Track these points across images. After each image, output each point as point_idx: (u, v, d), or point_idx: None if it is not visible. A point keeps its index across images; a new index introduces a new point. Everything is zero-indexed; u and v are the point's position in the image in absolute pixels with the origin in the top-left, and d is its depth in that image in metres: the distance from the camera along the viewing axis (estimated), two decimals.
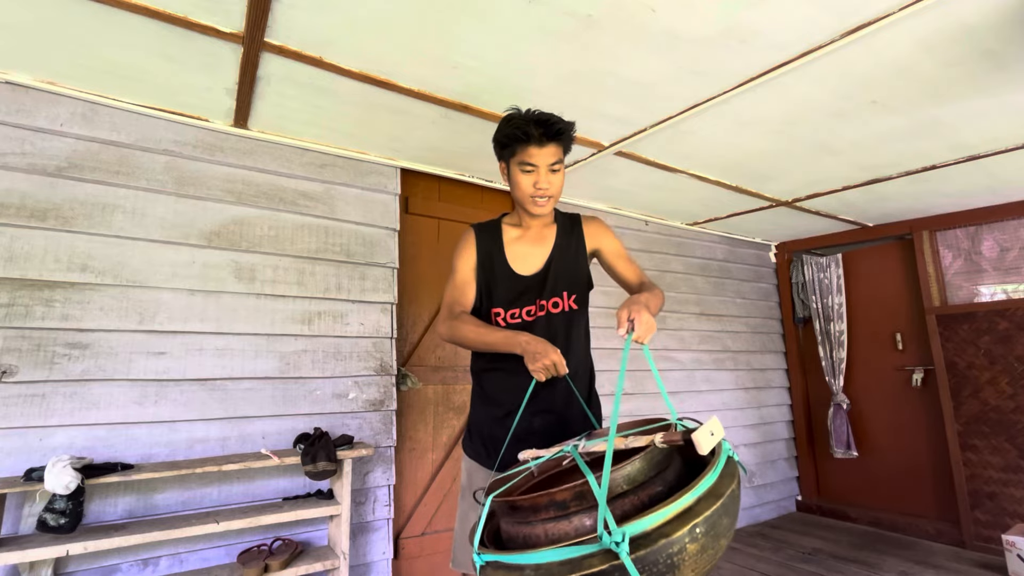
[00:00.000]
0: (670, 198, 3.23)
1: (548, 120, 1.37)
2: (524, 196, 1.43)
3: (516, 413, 1.35)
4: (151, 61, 1.74)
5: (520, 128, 1.36)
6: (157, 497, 1.92)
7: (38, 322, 1.81)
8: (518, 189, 1.43)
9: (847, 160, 2.63)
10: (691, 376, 3.68)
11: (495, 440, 1.42)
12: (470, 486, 1.47)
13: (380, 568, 2.33)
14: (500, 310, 1.45)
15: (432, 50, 1.68)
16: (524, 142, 1.37)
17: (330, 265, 2.39)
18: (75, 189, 1.93)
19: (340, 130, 2.26)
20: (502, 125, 1.41)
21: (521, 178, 1.41)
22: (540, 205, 1.44)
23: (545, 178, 1.40)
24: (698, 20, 1.54)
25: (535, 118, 1.37)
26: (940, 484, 3.52)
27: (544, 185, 1.40)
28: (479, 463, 1.47)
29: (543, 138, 1.37)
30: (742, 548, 3.31)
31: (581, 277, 1.52)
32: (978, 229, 3.46)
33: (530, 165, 1.39)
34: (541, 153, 1.38)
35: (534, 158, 1.38)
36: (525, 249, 1.51)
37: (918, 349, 3.69)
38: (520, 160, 1.40)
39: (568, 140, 1.43)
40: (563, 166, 1.45)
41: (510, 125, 1.38)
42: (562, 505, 0.82)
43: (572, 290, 1.48)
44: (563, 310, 1.46)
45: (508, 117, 1.41)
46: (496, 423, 1.43)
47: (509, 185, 1.47)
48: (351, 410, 2.34)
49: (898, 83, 1.91)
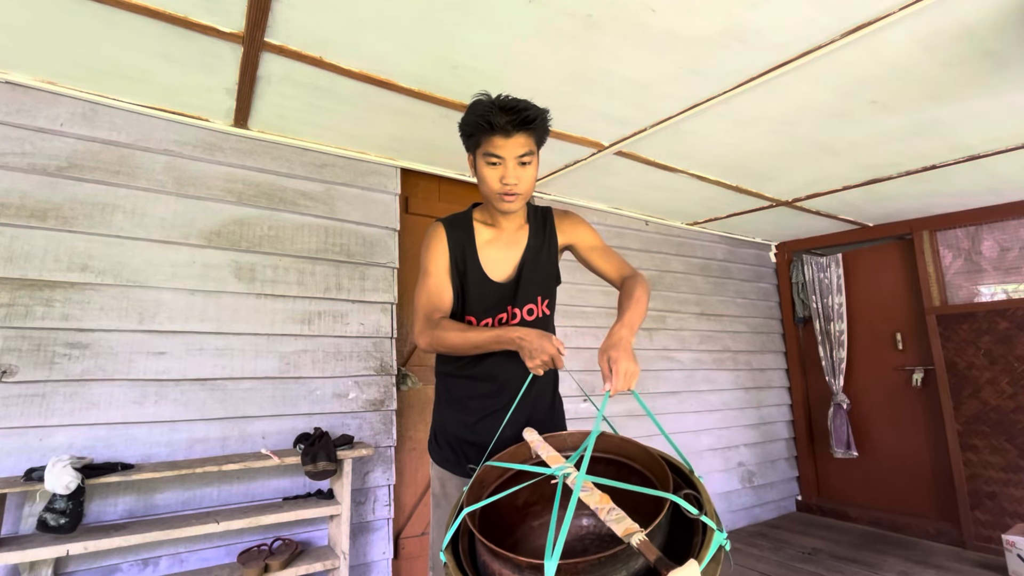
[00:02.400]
0: (670, 198, 3.23)
1: (515, 107, 1.22)
2: (491, 192, 1.29)
3: (486, 420, 1.31)
4: (151, 61, 1.74)
5: (484, 116, 1.21)
6: (157, 497, 1.92)
7: (38, 322, 1.81)
8: (484, 184, 1.29)
9: (847, 160, 2.63)
10: (691, 376, 3.68)
11: (464, 445, 1.36)
12: (444, 495, 1.39)
13: (380, 568, 2.33)
14: (473, 319, 1.35)
15: (432, 50, 1.68)
16: (489, 132, 1.23)
17: (330, 265, 2.39)
18: (75, 189, 1.93)
19: (340, 130, 2.26)
20: (467, 112, 1.27)
21: (487, 172, 1.27)
22: (508, 202, 1.30)
23: (513, 172, 1.25)
24: (698, 20, 1.54)
25: (501, 104, 1.22)
26: (940, 484, 3.52)
27: (512, 180, 1.26)
28: (450, 471, 1.38)
29: (510, 127, 1.22)
30: (742, 548, 3.31)
31: (552, 279, 1.43)
32: (978, 229, 3.46)
33: (496, 157, 1.25)
34: (508, 144, 1.23)
35: (500, 149, 1.24)
36: (498, 253, 1.39)
37: (918, 349, 3.69)
38: (485, 151, 1.25)
39: (541, 130, 1.28)
40: (535, 158, 1.30)
41: (474, 112, 1.24)
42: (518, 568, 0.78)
43: (545, 294, 1.40)
44: (537, 317, 1.38)
45: (473, 103, 1.26)
46: (466, 429, 1.36)
47: (476, 179, 1.34)
48: (351, 410, 2.34)
49: (898, 83, 1.91)
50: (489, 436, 1.27)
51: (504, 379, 1.36)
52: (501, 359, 1.34)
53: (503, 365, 1.35)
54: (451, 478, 1.38)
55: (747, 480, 3.85)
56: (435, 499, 1.43)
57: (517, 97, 1.25)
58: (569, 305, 3.14)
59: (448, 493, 1.38)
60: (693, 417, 3.63)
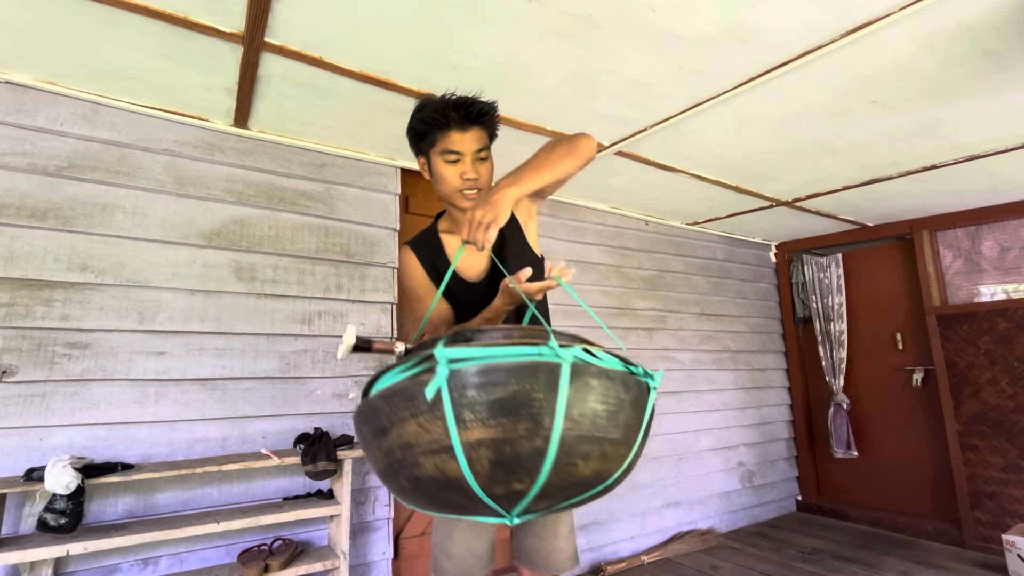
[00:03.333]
0: (670, 198, 3.23)
1: (468, 102, 1.23)
2: (451, 191, 1.29)
3: None
4: (151, 61, 1.74)
5: (438, 112, 1.23)
6: (157, 497, 1.92)
7: (38, 322, 1.81)
8: (444, 183, 1.29)
9: (847, 160, 2.63)
10: (691, 376, 3.68)
11: None
12: None
13: (380, 568, 2.33)
14: (478, 322, 1.35)
15: (432, 50, 1.68)
16: (444, 127, 1.24)
17: (330, 265, 2.39)
18: (75, 189, 1.93)
19: (340, 130, 2.26)
20: (415, 113, 1.28)
21: (445, 170, 1.27)
22: (471, 198, 1.29)
23: (473, 167, 1.27)
24: (698, 20, 1.54)
25: (453, 101, 1.24)
26: (940, 484, 3.52)
27: (472, 175, 1.27)
28: None
29: (465, 121, 1.24)
30: (742, 548, 3.31)
31: (527, 257, 1.39)
32: (978, 229, 3.46)
33: (454, 153, 1.25)
34: (465, 139, 1.25)
35: (458, 144, 1.25)
36: (470, 257, 1.39)
37: (918, 349, 3.69)
38: (443, 149, 1.26)
39: (493, 124, 1.30)
40: (490, 153, 1.31)
41: (426, 111, 1.25)
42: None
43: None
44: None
45: (420, 104, 1.28)
46: None
47: (432, 180, 1.34)
48: (351, 410, 2.34)
49: (898, 83, 1.91)
50: None
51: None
52: None
53: None
54: None
55: (747, 480, 3.85)
56: None
57: (463, 95, 1.26)
58: (569, 305, 3.14)
59: None
60: (693, 417, 3.63)
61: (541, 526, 1.40)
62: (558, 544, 1.40)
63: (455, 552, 1.36)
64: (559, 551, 1.40)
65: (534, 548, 1.41)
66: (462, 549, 1.36)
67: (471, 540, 1.37)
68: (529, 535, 1.41)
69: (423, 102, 1.28)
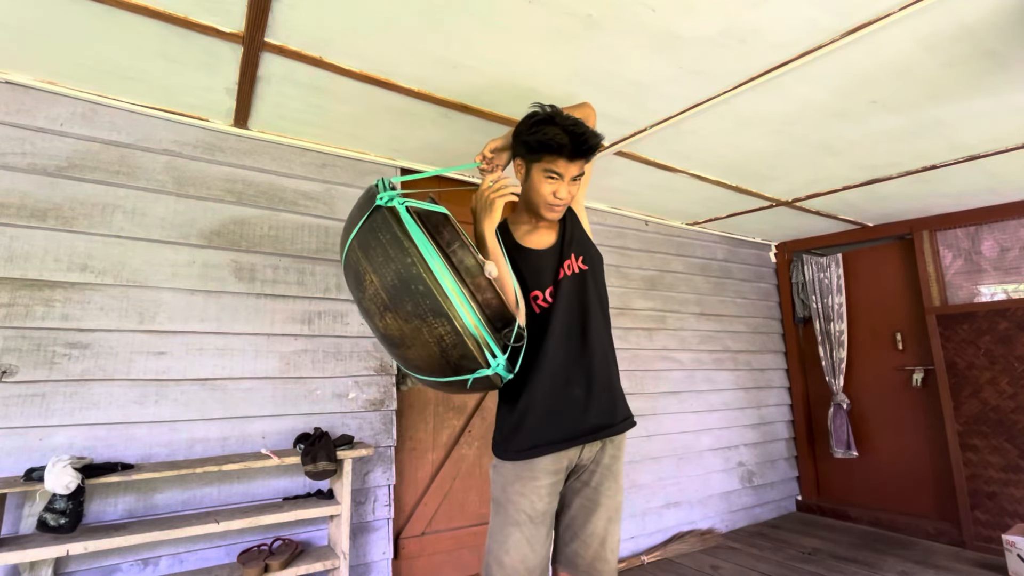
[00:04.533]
0: (670, 198, 3.23)
1: (583, 136, 1.35)
2: (541, 201, 1.44)
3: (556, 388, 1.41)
4: (151, 61, 1.74)
5: (556, 138, 1.34)
6: (157, 497, 1.92)
7: (38, 322, 1.81)
8: (536, 193, 1.44)
9: (847, 160, 2.63)
10: (691, 376, 3.68)
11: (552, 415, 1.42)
12: (506, 499, 1.40)
13: (380, 568, 2.33)
14: (538, 292, 1.47)
15: (432, 50, 1.68)
16: (555, 153, 1.36)
17: (330, 265, 2.39)
18: (75, 189, 1.93)
19: (340, 130, 2.26)
20: (533, 128, 1.37)
21: (543, 185, 1.41)
22: (554, 211, 1.47)
23: (566, 188, 1.41)
24: (698, 20, 1.54)
25: (571, 131, 1.34)
26: (940, 484, 3.52)
27: (564, 195, 1.42)
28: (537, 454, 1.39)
29: (575, 154, 1.36)
30: (742, 548, 3.32)
31: (589, 245, 1.57)
32: (978, 229, 3.46)
33: (556, 174, 1.40)
34: (569, 167, 1.39)
35: (561, 169, 1.39)
36: (537, 235, 1.54)
37: (918, 349, 3.69)
38: (546, 167, 1.39)
39: (594, 154, 1.44)
40: (586, 175, 1.47)
41: (544, 133, 1.35)
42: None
43: (579, 253, 1.53)
44: (576, 271, 1.50)
45: (541, 121, 1.37)
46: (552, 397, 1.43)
47: (522, 182, 1.47)
48: (351, 410, 2.34)
49: (898, 83, 1.91)
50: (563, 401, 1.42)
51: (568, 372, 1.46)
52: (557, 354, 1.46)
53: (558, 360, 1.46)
54: (516, 480, 1.40)
55: (747, 480, 3.85)
56: (495, 504, 1.45)
57: (581, 122, 1.37)
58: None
59: (511, 499, 1.40)
60: (693, 417, 3.63)
61: (590, 534, 1.42)
62: (605, 554, 1.42)
63: (508, 561, 1.36)
64: (605, 561, 1.42)
65: (579, 553, 1.42)
66: (516, 559, 1.36)
67: (526, 551, 1.36)
68: (575, 539, 1.43)
69: (541, 120, 1.37)
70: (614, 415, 1.48)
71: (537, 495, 1.39)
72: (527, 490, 1.38)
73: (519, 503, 1.38)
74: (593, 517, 1.44)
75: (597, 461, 1.47)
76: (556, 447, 1.40)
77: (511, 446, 1.42)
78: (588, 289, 1.51)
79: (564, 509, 1.48)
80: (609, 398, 1.48)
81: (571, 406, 1.42)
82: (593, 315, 1.49)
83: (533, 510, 1.38)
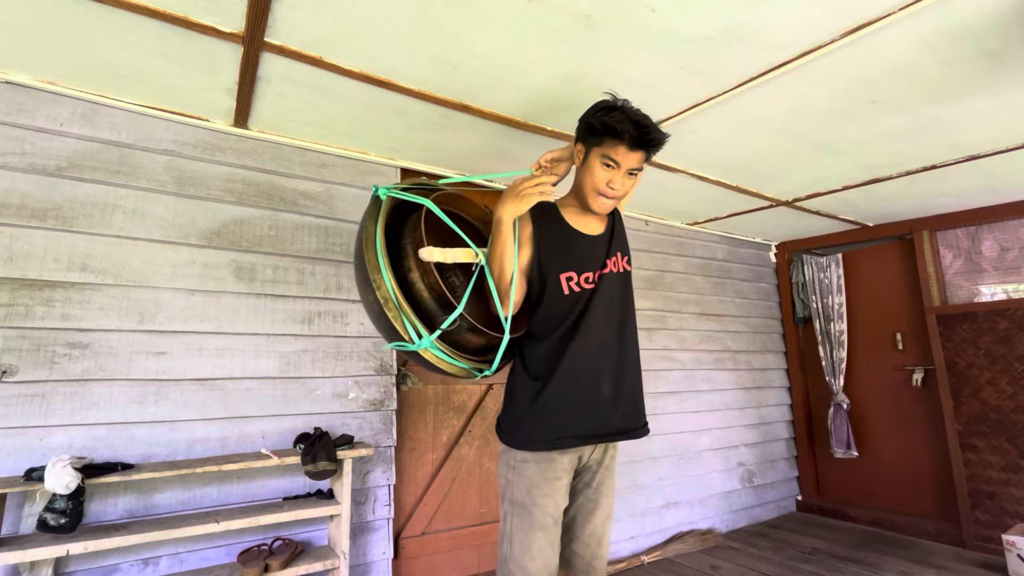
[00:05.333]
0: (670, 198, 3.23)
1: (648, 128, 1.34)
2: (592, 188, 1.41)
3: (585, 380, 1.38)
4: (151, 61, 1.74)
5: (620, 124, 1.32)
6: (157, 497, 1.92)
7: (38, 322, 1.81)
8: (591, 178, 1.41)
9: (847, 160, 2.63)
10: (691, 376, 3.68)
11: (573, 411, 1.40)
12: (533, 503, 1.35)
13: (380, 568, 2.33)
14: (573, 273, 1.43)
15: (432, 50, 1.68)
16: (618, 139, 1.34)
17: (330, 265, 2.39)
18: (75, 189, 1.93)
19: (340, 130, 2.26)
20: (600, 112, 1.37)
21: (599, 170, 1.39)
22: (603, 205, 1.44)
23: (621, 180, 1.39)
24: (698, 20, 1.54)
25: (637, 120, 1.33)
26: (940, 484, 3.52)
27: (617, 186, 1.39)
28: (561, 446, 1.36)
29: (636, 143, 1.34)
30: (742, 548, 3.32)
31: (629, 253, 1.58)
32: (978, 229, 3.46)
33: (613, 162, 1.37)
34: (629, 156, 1.36)
35: (620, 157, 1.36)
36: (584, 219, 1.51)
37: (918, 349, 3.69)
38: (605, 153, 1.37)
39: (657, 151, 1.42)
40: (641, 174, 1.44)
41: (610, 117, 1.34)
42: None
43: (624, 252, 1.53)
44: (620, 271, 1.49)
45: (609, 107, 1.36)
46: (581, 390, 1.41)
47: (580, 168, 1.45)
48: (351, 410, 2.34)
49: (898, 83, 1.91)
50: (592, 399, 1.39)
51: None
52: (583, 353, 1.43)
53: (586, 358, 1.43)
54: (543, 482, 1.35)
55: (747, 480, 3.85)
56: (517, 507, 1.37)
57: (647, 115, 1.36)
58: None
59: (537, 502, 1.34)
60: (693, 417, 3.63)
61: (590, 533, 1.46)
62: (601, 551, 1.48)
63: (533, 568, 1.33)
64: (600, 558, 1.48)
65: (577, 553, 1.46)
66: (540, 565, 1.33)
67: (550, 555, 1.35)
68: (575, 540, 1.47)
69: (608, 103, 1.37)
70: (637, 419, 1.48)
71: (561, 495, 1.39)
72: (553, 491, 1.37)
73: (546, 506, 1.35)
74: (593, 517, 1.46)
75: (599, 461, 1.48)
76: (579, 442, 1.38)
77: (534, 435, 1.37)
78: (628, 291, 1.52)
79: (564, 510, 1.47)
80: (635, 401, 1.47)
81: (600, 403, 1.40)
82: (630, 316, 1.51)
83: (558, 511, 1.39)
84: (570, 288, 1.43)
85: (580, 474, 1.47)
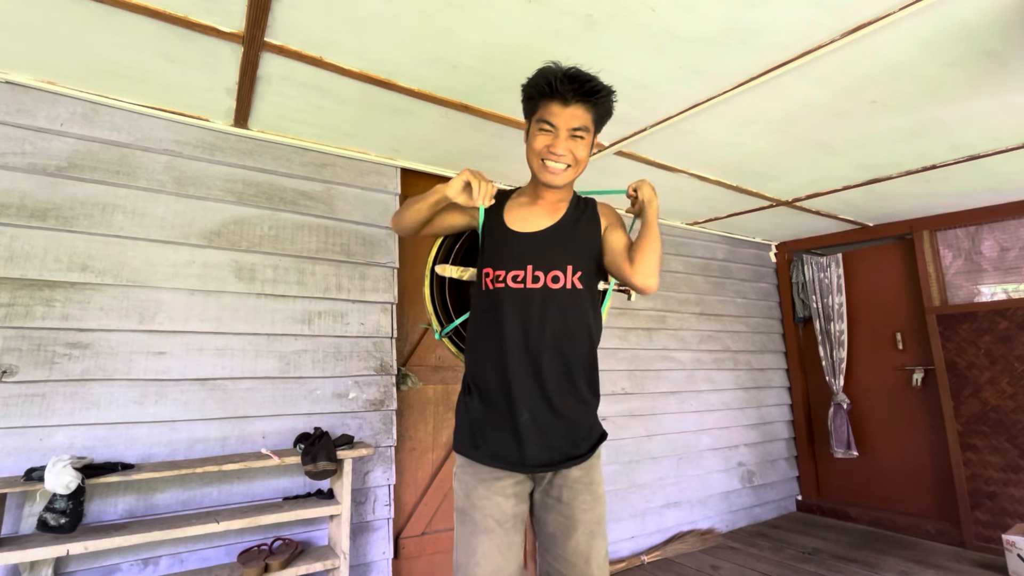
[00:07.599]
0: (670, 198, 3.23)
1: (580, 76, 1.19)
2: (535, 159, 1.27)
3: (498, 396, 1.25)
4: (151, 61, 1.74)
5: (546, 79, 1.19)
6: (157, 497, 1.92)
7: (38, 322, 1.81)
8: (530, 150, 1.28)
9: (847, 160, 2.63)
10: (691, 376, 3.68)
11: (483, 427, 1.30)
12: (471, 506, 1.27)
13: (380, 568, 2.33)
14: (489, 269, 1.31)
15: (432, 50, 1.68)
16: (547, 96, 1.21)
17: (330, 265, 2.39)
18: (75, 189, 1.93)
19: (340, 130, 2.26)
20: (532, 76, 1.26)
21: (536, 138, 1.25)
22: (552, 172, 1.25)
23: (562, 143, 1.23)
24: (698, 20, 1.54)
25: (566, 72, 1.19)
26: (940, 484, 3.52)
27: (560, 150, 1.23)
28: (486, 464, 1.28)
29: (569, 95, 1.19)
30: (742, 548, 3.32)
31: (590, 257, 1.35)
32: (978, 229, 3.46)
33: (548, 124, 1.22)
34: (564, 113, 1.21)
35: (555, 117, 1.21)
36: (527, 212, 1.36)
37: (918, 349, 3.69)
38: (540, 117, 1.24)
39: (602, 108, 1.25)
40: (590, 137, 1.26)
41: (538, 76, 1.22)
42: None
43: (577, 267, 1.30)
44: (564, 287, 1.28)
45: (540, 68, 1.24)
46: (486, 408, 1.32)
47: (526, 149, 1.33)
48: (351, 410, 2.34)
49: (898, 83, 1.91)
50: (509, 423, 1.26)
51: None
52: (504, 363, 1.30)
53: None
54: (479, 484, 1.27)
55: (747, 480, 3.85)
56: (459, 514, 1.29)
57: (587, 72, 1.22)
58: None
59: (476, 504, 1.26)
60: (693, 417, 3.63)
61: (572, 551, 1.27)
62: (591, 571, 1.27)
63: (480, 574, 1.21)
64: None
65: (563, 573, 1.28)
66: (488, 571, 1.21)
67: (499, 561, 1.22)
68: (559, 559, 1.28)
69: (541, 67, 1.24)
70: (566, 451, 1.28)
71: (503, 495, 1.26)
72: (491, 492, 1.25)
73: (486, 508, 1.24)
74: (574, 535, 1.28)
75: (564, 476, 1.30)
76: (500, 464, 1.26)
77: (462, 439, 1.30)
78: (577, 303, 1.30)
79: (541, 523, 1.32)
80: (568, 434, 1.28)
81: (520, 428, 1.24)
82: (578, 332, 1.29)
83: (501, 514, 1.25)
84: (486, 285, 1.31)
85: (541, 486, 1.32)
